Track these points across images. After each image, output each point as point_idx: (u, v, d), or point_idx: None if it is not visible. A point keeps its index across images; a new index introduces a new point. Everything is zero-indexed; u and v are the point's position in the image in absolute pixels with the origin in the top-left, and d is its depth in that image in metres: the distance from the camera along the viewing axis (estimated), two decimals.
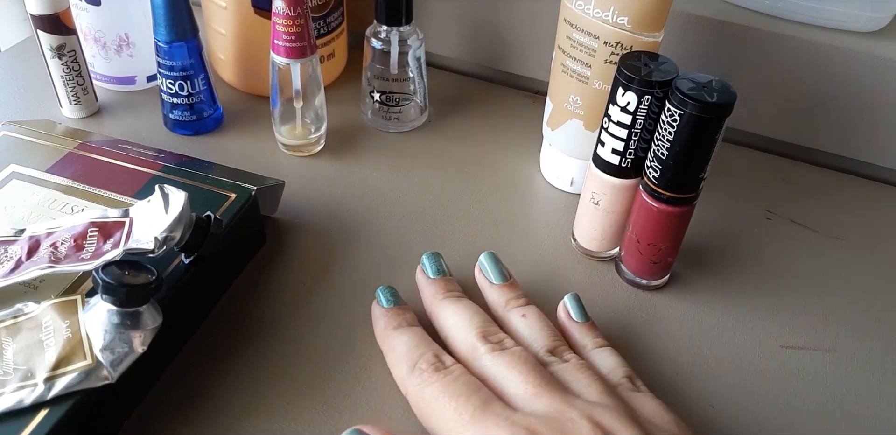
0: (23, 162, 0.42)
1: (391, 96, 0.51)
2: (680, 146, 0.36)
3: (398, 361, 0.35)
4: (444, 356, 0.34)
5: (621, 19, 0.38)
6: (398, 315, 0.37)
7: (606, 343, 0.37)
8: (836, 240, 0.47)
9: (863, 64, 0.46)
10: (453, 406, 0.31)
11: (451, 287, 0.38)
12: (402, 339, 0.35)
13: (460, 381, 0.32)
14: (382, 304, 0.38)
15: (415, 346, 0.34)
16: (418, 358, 0.34)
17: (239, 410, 0.36)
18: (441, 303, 0.37)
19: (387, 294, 0.38)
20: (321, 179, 0.49)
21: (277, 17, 0.44)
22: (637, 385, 0.34)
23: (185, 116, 0.51)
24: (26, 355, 0.32)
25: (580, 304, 0.38)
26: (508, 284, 0.38)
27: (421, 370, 0.33)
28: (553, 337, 0.36)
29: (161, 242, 0.34)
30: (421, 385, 0.33)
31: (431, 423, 0.32)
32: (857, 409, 0.37)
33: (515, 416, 0.30)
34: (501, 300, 0.38)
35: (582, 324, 0.37)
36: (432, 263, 0.39)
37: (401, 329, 0.36)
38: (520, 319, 0.36)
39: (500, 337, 0.35)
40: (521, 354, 0.33)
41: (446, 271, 0.39)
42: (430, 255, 0.40)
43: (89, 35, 0.52)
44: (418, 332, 0.36)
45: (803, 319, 0.42)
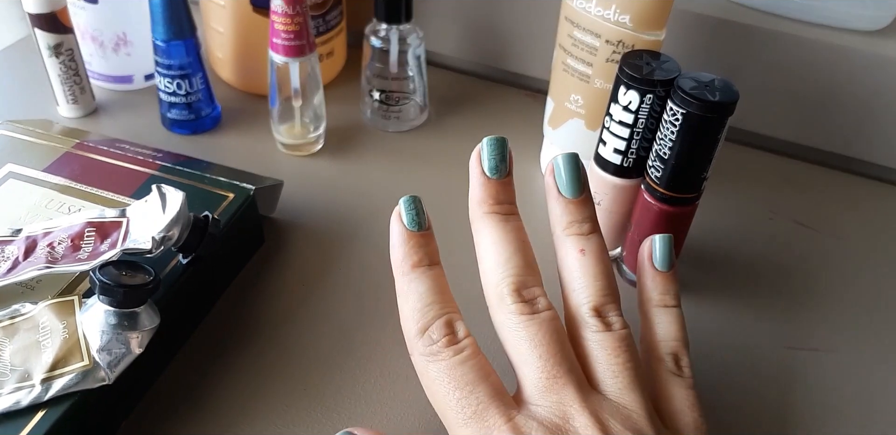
0: (20, 161, 0.42)
1: (391, 95, 0.51)
2: (682, 146, 0.35)
3: (408, 316, 0.31)
4: (457, 324, 0.30)
5: (623, 18, 0.38)
6: (420, 247, 0.31)
7: (675, 302, 0.32)
8: (838, 240, 0.46)
9: (865, 63, 0.46)
10: (457, 396, 0.28)
11: (504, 197, 0.32)
12: (419, 287, 0.31)
13: (468, 364, 0.29)
14: (405, 222, 0.31)
15: (430, 302, 0.30)
16: (431, 321, 0.30)
17: (237, 411, 0.36)
18: (486, 218, 0.31)
19: (413, 211, 0.32)
20: (320, 179, 0.49)
21: (276, 15, 0.43)
22: (681, 365, 0.31)
23: (182, 115, 0.50)
24: (23, 356, 0.32)
25: (669, 248, 0.33)
26: (579, 201, 0.32)
27: (430, 339, 0.29)
28: (604, 290, 0.30)
29: (158, 242, 0.34)
30: (427, 358, 0.29)
31: (433, 400, 0.30)
32: (861, 409, 0.37)
33: (518, 418, 0.28)
34: (564, 219, 0.32)
35: (660, 273, 0.33)
36: (493, 153, 0.32)
37: (419, 271, 0.31)
38: (576, 255, 0.31)
39: (534, 293, 0.30)
40: (549, 327, 0.29)
41: (507, 169, 0.32)
42: (494, 140, 0.32)
43: (87, 34, 0.52)
44: (437, 280, 0.31)
45: (807, 319, 0.42)
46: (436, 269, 0.31)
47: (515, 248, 0.31)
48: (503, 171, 0.32)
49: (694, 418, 0.30)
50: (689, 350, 0.32)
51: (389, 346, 0.39)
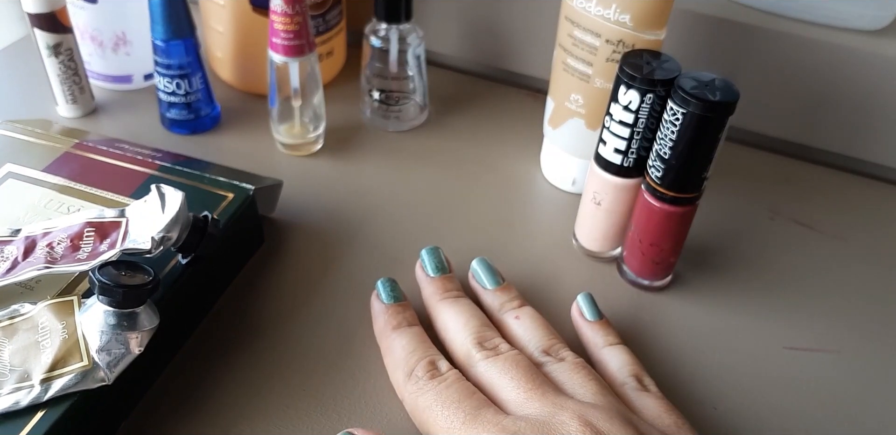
0: (19, 161, 0.42)
1: (390, 95, 0.51)
2: (682, 145, 0.35)
3: (395, 366, 0.35)
4: (440, 362, 0.34)
5: (623, 17, 0.38)
6: (398, 313, 0.37)
7: (618, 341, 0.37)
8: (839, 240, 0.46)
9: (866, 62, 0.46)
10: (445, 414, 0.31)
11: (450, 286, 0.38)
12: (401, 342, 0.35)
13: (453, 388, 0.32)
14: (383, 299, 0.37)
15: (412, 350, 0.34)
16: (415, 364, 0.34)
17: (237, 411, 0.36)
18: (439, 304, 0.37)
19: (387, 289, 0.38)
20: (320, 179, 0.49)
21: (275, 14, 0.43)
22: (645, 384, 0.34)
23: (182, 115, 0.50)
24: (23, 357, 0.32)
25: (593, 302, 0.38)
26: (502, 289, 0.38)
27: (417, 378, 0.33)
28: (547, 336, 0.36)
29: (158, 242, 0.34)
30: (416, 393, 0.33)
31: (426, 430, 0.32)
32: (861, 410, 0.37)
33: (506, 420, 0.30)
34: (496, 304, 0.38)
35: (594, 322, 0.37)
36: (431, 260, 0.39)
37: (399, 330, 0.36)
38: (514, 322, 0.37)
39: (494, 342, 0.35)
40: (514, 359, 0.33)
41: (445, 268, 0.39)
42: (429, 250, 0.39)
43: (86, 33, 0.52)
44: (417, 334, 0.36)
45: (806, 319, 0.41)
46: (415, 327, 0.36)
47: (470, 314, 0.36)
48: (444, 269, 0.39)
49: (673, 420, 0.32)
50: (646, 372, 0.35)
51: None
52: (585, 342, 0.37)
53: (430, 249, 0.39)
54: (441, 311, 0.37)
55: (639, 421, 0.31)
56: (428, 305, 0.38)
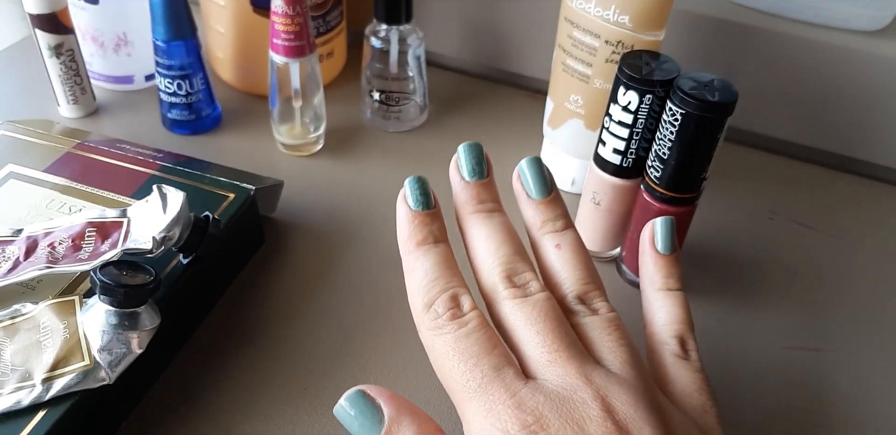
0: (21, 161, 0.42)
1: (391, 95, 0.51)
2: (681, 146, 0.35)
3: (414, 291, 0.31)
4: (462, 298, 0.30)
5: (622, 18, 0.38)
6: (424, 225, 0.31)
7: (679, 286, 0.32)
8: (838, 240, 0.46)
9: (865, 63, 0.46)
10: (462, 369, 0.28)
11: (486, 196, 0.32)
12: (424, 264, 0.31)
13: (473, 337, 0.28)
14: (410, 203, 0.32)
15: (435, 278, 0.30)
16: (436, 296, 0.30)
17: (237, 411, 0.36)
18: (470, 217, 0.32)
19: (416, 191, 0.32)
20: (320, 179, 0.49)
21: (276, 15, 0.43)
22: (687, 349, 0.31)
23: (183, 116, 0.50)
24: (24, 356, 0.32)
25: (671, 231, 0.33)
26: (548, 201, 0.32)
27: (436, 313, 0.29)
28: (584, 278, 0.31)
29: (159, 242, 0.34)
30: (433, 331, 0.29)
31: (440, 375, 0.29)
32: (861, 410, 0.37)
33: (523, 391, 0.27)
34: (537, 221, 0.32)
35: (662, 256, 0.32)
36: (469, 159, 0.33)
37: (424, 248, 0.31)
38: (553, 251, 0.31)
39: (525, 278, 0.30)
40: (543, 306, 0.29)
41: (484, 171, 0.33)
42: (467, 147, 0.33)
43: (87, 34, 0.52)
44: (442, 257, 0.31)
45: (806, 319, 0.42)
46: (441, 246, 0.31)
47: (502, 239, 0.31)
48: (481, 173, 0.33)
49: (702, 402, 0.29)
50: (694, 334, 0.31)
51: (389, 346, 0.39)
52: (643, 275, 0.33)
53: (469, 144, 0.33)
54: (472, 226, 0.32)
55: (665, 403, 0.28)
56: (458, 214, 0.33)
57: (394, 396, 0.29)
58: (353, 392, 0.29)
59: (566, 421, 0.26)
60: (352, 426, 0.29)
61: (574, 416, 0.26)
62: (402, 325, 0.40)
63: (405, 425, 0.28)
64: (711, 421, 0.29)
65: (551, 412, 0.26)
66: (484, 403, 0.27)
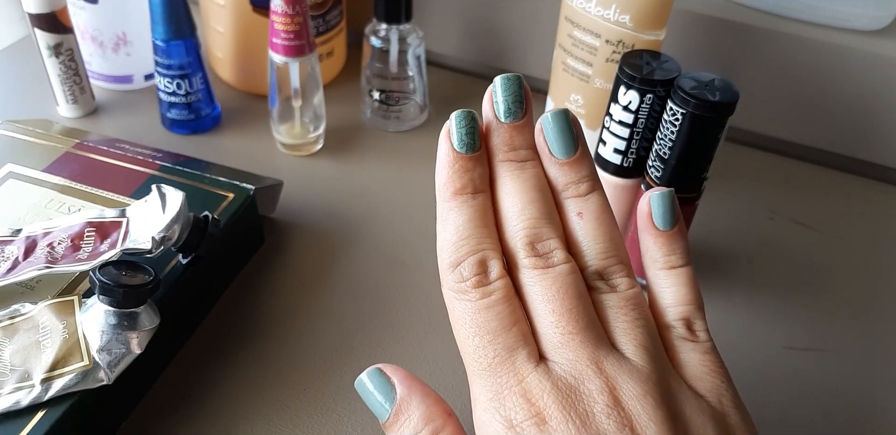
0: (20, 161, 0.42)
1: (391, 95, 0.51)
2: (682, 145, 0.35)
3: (444, 246, 0.29)
4: (491, 262, 0.28)
5: (623, 18, 0.38)
6: (466, 171, 0.29)
7: (683, 261, 0.30)
8: (838, 240, 0.46)
9: (866, 63, 0.46)
10: (476, 344, 0.27)
11: (521, 142, 0.30)
12: (458, 218, 0.28)
13: (494, 310, 0.27)
14: (454, 142, 0.29)
15: (467, 235, 0.28)
16: (464, 256, 0.28)
17: (237, 411, 0.36)
18: (501, 166, 0.29)
19: (463, 129, 0.29)
20: (320, 179, 0.49)
21: (276, 15, 0.43)
22: (694, 330, 0.29)
23: (182, 115, 0.50)
24: (23, 356, 0.32)
25: (670, 204, 0.30)
26: (572, 162, 0.29)
27: (461, 275, 0.28)
28: (606, 252, 0.29)
29: (158, 242, 0.34)
30: (456, 293, 0.28)
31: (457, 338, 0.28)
32: (860, 410, 0.37)
33: (530, 377, 0.26)
34: (561, 182, 0.29)
35: (662, 232, 0.30)
36: (506, 94, 0.29)
37: (461, 199, 0.29)
38: (575, 218, 0.29)
39: (550, 246, 0.28)
40: (564, 281, 0.28)
41: (521, 111, 0.29)
42: (506, 79, 0.29)
43: (86, 33, 0.52)
44: (480, 210, 0.29)
45: (806, 319, 0.41)
46: (479, 198, 0.29)
47: (531, 197, 0.29)
48: (517, 113, 0.29)
49: (716, 384, 0.28)
50: (703, 312, 0.29)
51: (390, 346, 0.39)
52: (644, 254, 0.31)
53: (508, 77, 0.29)
54: (502, 176, 0.29)
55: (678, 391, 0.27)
56: (489, 156, 0.30)
57: (408, 377, 0.29)
58: (372, 369, 0.29)
59: (570, 413, 0.26)
60: (368, 400, 0.29)
61: (578, 409, 0.26)
62: (402, 324, 0.40)
63: (415, 405, 0.29)
64: (728, 404, 0.27)
65: (556, 403, 0.26)
66: (491, 385, 0.27)
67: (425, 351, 0.38)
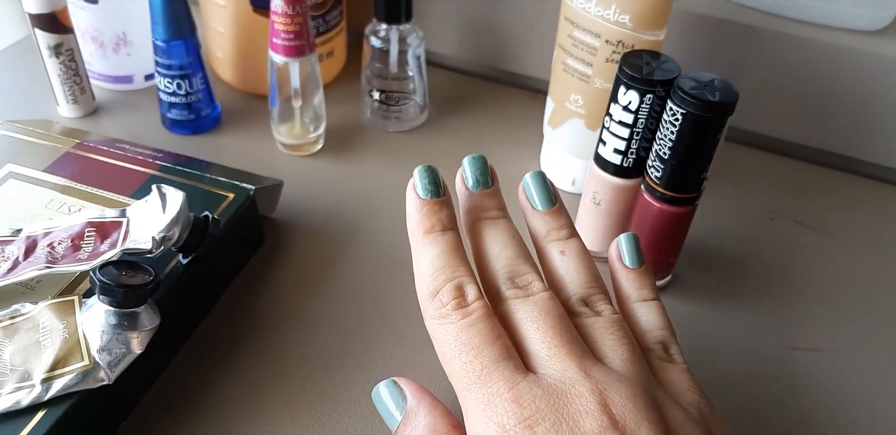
0: (20, 161, 0.42)
1: (391, 95, 0.51)
2: (682, 145, 0.35)
3: (421, 279, 0.31)
4: (468, 287, 0.30)
5: (623, 18, 0.38)
6: (433, 213, 0.32)
7: (653, 296, 0.33)
8: (838, 240, 0.46)
9: (865, 63, 0.46)
10: (463, 360, 0.28)
11: (491, 204, 0.33)
12: (431, 252, 0.31)
13: (476, 328, 0.29)
14: (419, 192, 0.32)
15: (441, 267, 0.30)
16: (441, 285, 0.30)
17: (237, 411, 0.36)
18: (475, 225, 0.33)
19: (425, 180, 0.32)
20: (320, 179, 0.49)
21: (276, 15, 0.43)
22: (671, 353, 0.31)
23: (182, 115, 0.50)
24: (23, 356, 0.32)
25: (636, 246, 0.34)
26: (553, 212, 0.33)
27: (441, 302, 0.30)
28: (588, 281, 0.32)
29: (158, 242, 0.34)
30: (437, 320, 0.30)
31: (443, 363, 0.30)
32: (861, 410, 0.37)
33: (521, 384, 0.27)
34: (542, 230, 0.33)
35: (632, 270, 0.33)
36: (473, 170, 0.33)
37: (432, 236, 0.31)
38: (558, 256, 0.32)
39: (527, 279, 0.31)
40: (545, 305, 0.30)
41: (488, 182, 0.33)
42: (471, 159, 0.34)
43: (87, 34, 0.52)
44: (450, 245, 0.31)
45: (806, 319, 0.42)
46: (449, 234, 0.32)
47: (506, 242, 0.32)
48: (486, 183, 0.33)
49: (696, 399, 0.30)
50: (676, 338, 0.32)
51: (389, 346, 0.39)
52: (617, 290, 0.34)
53: (474, 157, 0.34)
54: (477, 233, 0.33)
55: (664, 399, 0.28)
56: (464, 223, 0.33)
57: (420, 390, 0.31)
58: (388, 380, 0.31)
59: (562, 415, 0.27)
60: (381, 409, 0.31)
61: (570, 410, 0.27)
62: (402, 325, 0.40)
63: (422, 415, 0.30)
64: (710, 418, 0.29)
65: (548, 406, 0.27)
66: (482, 395, 0.28)
67: (425, 351, 0.38)
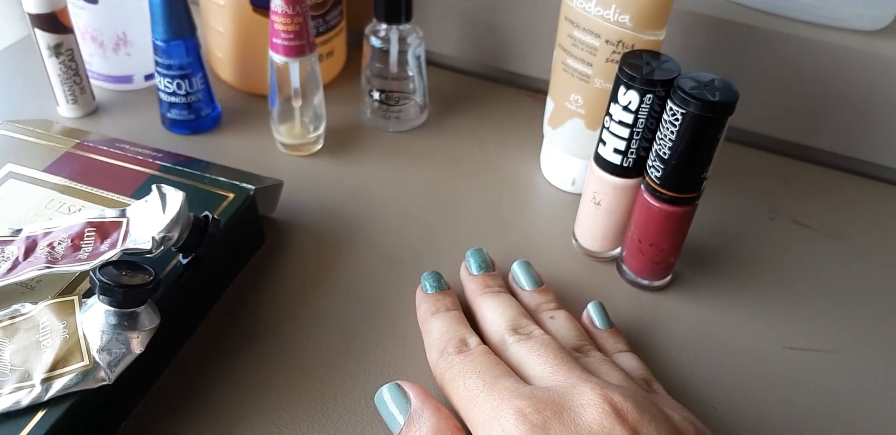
0: (20, 161, 0.42)
1: (391, 95, 0.51)
2: (682, 145, 0.35)
3: (430, 347, 0.35)
4: (470, 339, 0.34)
5: (623, 18, 0.38)
6: (438, 300, 0.38)
7: (628, 348, 0.37)
8: (838, 240, 0.46)
9: (865, 63, 0.46)
10: (467, 383, 0.31)
11: (492, 282, 0.39)
12: (438, 324, 0.36)
13: (478, 360, 0.33)
14: (426, 289, 0.38)
15: (446, 330, 0.35)
16: (447, 343, 0.34)
17: (237, 411, 0.36)
18: (479, 298, 0.38)
19: (430, 280, 0.39)
20: (320, 179, 0.49)
21: (276, 15, 0.43)
22: (654, 388, 0.35)
23: (182, 115, 0.50)
24: (23, 356, 0.32)
25: (603, 311, 0.39)
26: (540, 290, 0.39)
27: (447, 354, 0.34)
28: (579, 337, 0.36)
29: (158, 242, 0.34)
30: (445, 368, 0.33)
31: (453, 402, 0.32)
32: (860, 410, 0.37)
33: (525, 389, 0.30)
34: (533, 304, 0.39)
35: (604, 330, 0.38)
36: (475, 259, 0.40)
37: (438, 314, 0.37)
38: (548, 320, 0.37)
39: (529, 329, 0.35)
40: (545, 340, 0.34)
41: (489, 266, 0.40)
42: (473, 251, 0.40)
43: (87, 34, 0.52)
44: (454, 316, 0.36)
45: (806, 319, 0.41)
46: (454, 311, 0.37)
47: (509, 304, 0.37)
48: (487, 268, 0.40)
49: (688, 415, 0.32)
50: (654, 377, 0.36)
51: (389, 346, 0.39)
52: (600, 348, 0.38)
53: (475, 249, 0.41)
54: (481, 303, 0.38)
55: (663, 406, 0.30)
56: (469, 299, 0.39)
57: (424, 392, 0.33)
58: (392, 384, 0.34)
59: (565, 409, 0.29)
60: (383, 412, 0.33)
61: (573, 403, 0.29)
62: (402, 325, 0.40)
63: (426, 417, 0.32)
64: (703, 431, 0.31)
65: (552, 404, 0.29)
66: (489, 403, 0.30)
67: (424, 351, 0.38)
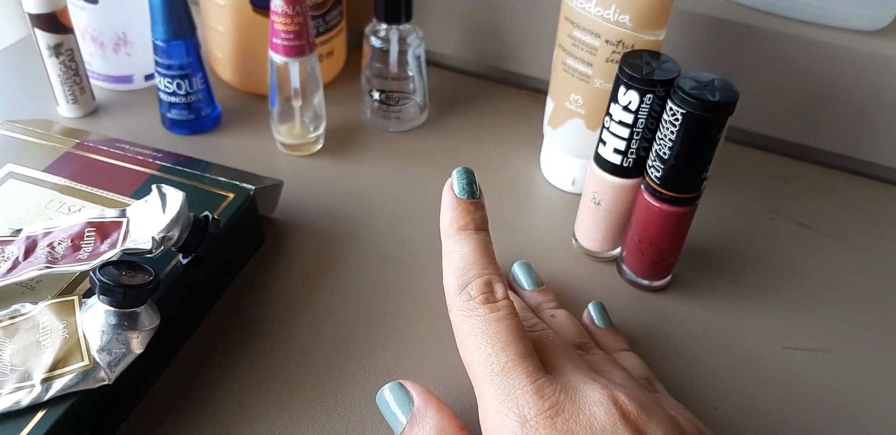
0: (20, 161, 0.42)
1: (391, 95, 0.51)
2: (682, 145, 0.35)
3: (450, 273, 0.32)
4: (496, 285, 0.31)
5: (623, 18, 0.38)
6: (468, 212, 0.33)
7: (628, 347, 0.38)
8: (838, 240, 0.46)
9: (865, 63, 0.46)
10: (487, 352, 0.29)
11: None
12: (463, 248, 0.32)
13: (504, 323, 0.30)
14: (456, 190, 0.34)
15: (472, 262, 0.32)
16: (471, 279, 0.31)
17: (237, 411, 0.36)
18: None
19: (464, 180, 0.34)
20: (320, 179, 0.49)
21: (276, 15, 0.43)
22: (655, 387, 0.35)
23: (182, 115, 0.50)
24: (23, 356, 0.32)
25: (603, 310, 0.39)
26: (541, 290, 0.40)
27: (469, 295, 0.31)
28: (580, 335, 0.36)
29: (158, 242, 0.34)
30: (464, 312, 0.30)
31: (464, 355, 0.31)
32: (860, 410, 0.37)
33: (542, 379, 0.29)
34: (533, 303, 0.39)
35: (605, 329, 0.38)
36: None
37: (465, 233, 0.32)
38: (549, 318, 0.37)
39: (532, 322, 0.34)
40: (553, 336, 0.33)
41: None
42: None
43: (87, 34, 0.52)
44: (481, 243, 0.32)
45: (806, 319, 0.42)
46: (482, 233, 0.33)
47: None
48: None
49: (691, 417, 0.32)
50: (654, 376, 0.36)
51: (389, 346, 0.39)
52: (601, 346, 0.38)
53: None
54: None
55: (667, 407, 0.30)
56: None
57: (426, 392, 0.33)
58: (394, 383, 0.33)
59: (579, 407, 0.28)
60: (385, 412, 0.33)
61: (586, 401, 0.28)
62: (403, 324, 0.40)
63: (429, 416, 0.31)
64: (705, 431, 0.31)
65: (567, 400, 0.28)
66: (503, 387, 0.29)
67: (425, 351, 0.38)
